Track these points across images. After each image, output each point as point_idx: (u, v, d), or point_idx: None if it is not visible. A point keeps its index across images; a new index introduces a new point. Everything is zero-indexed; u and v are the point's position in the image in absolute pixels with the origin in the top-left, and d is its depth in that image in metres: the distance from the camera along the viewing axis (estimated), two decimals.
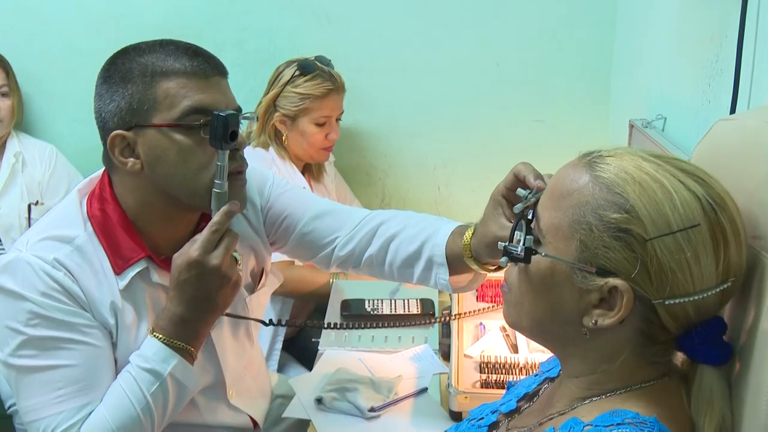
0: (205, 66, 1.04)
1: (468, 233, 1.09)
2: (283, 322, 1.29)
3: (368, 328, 1.48)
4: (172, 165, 1.04)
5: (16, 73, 2.08)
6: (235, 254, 1.08)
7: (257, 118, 1.88)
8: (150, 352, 1.05)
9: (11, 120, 2.05)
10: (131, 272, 1.08)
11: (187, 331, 1.06)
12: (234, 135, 1.03)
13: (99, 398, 1.04)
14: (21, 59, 2.11)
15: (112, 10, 2.14)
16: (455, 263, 1.13)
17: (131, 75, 1.01)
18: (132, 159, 1.04)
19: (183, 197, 1.07)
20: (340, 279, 1.85)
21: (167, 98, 1.01)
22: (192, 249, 1.03)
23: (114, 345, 1.09)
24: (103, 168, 1.13)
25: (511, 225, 0.80)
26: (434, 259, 1.14)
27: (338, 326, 1.53)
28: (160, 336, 1.05)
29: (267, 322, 1.27)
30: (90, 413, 1.03)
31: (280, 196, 1.27)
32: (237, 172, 1.07)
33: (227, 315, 1.17)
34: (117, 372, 1.08)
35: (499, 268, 1.09)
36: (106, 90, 1.03)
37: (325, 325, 1.54)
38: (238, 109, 1.07)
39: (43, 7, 2.14)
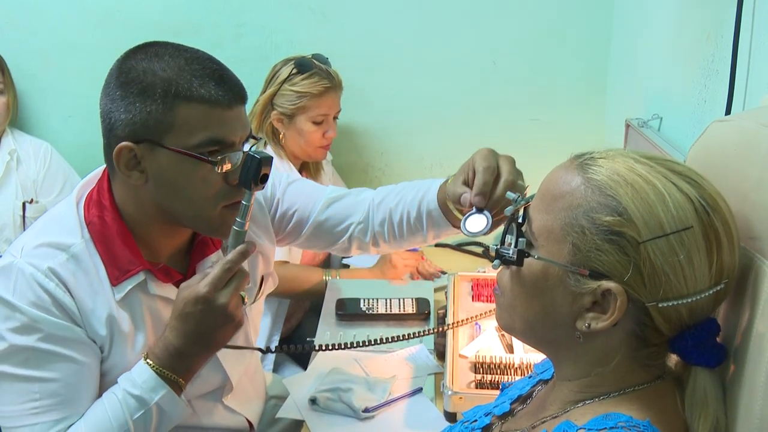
0: (229, 96, 0.99)
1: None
2: (277, 345, 1.27)
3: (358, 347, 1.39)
4: (179, 189, 1.02)
5: (11, 69, 2.06)
6: (242, 293, 1.06)
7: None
8: (140, 378, 1.02)
9: (6, 117, 2.04)
10: (129, 285, 1.06)
11: (180, 364, 1.03)
12: (265, 178, 1.02)
13: (77, 413, 1.03)
14: (16, 56, 2.10)
15: (107, 7, 2.12)
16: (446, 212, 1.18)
17: (152, 91, 0.96)
18: (137, 172, 1.01)
19: (183, 219, 1.06)
20: (334, 278, 1.85)
21: (186, 125, 0.97)
22: (201, 284, 1.00)
23: (106, 356, 1.07)
24: (102, 169, 1.11)
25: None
26: (432, 214, 1.19)
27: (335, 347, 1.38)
28: (153, 364, 1.02)
29: (264, 349, 1.25)
30: (67, 428, 1.02)
31: (285, 191, 1.27)
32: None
33: (226, 347, 1.13)
34: (104, 386, 1.07)
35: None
36: (121, 97, 0.98)
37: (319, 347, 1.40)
38: (252, 135, 1.06)
39: (37, 3, 2.13)
